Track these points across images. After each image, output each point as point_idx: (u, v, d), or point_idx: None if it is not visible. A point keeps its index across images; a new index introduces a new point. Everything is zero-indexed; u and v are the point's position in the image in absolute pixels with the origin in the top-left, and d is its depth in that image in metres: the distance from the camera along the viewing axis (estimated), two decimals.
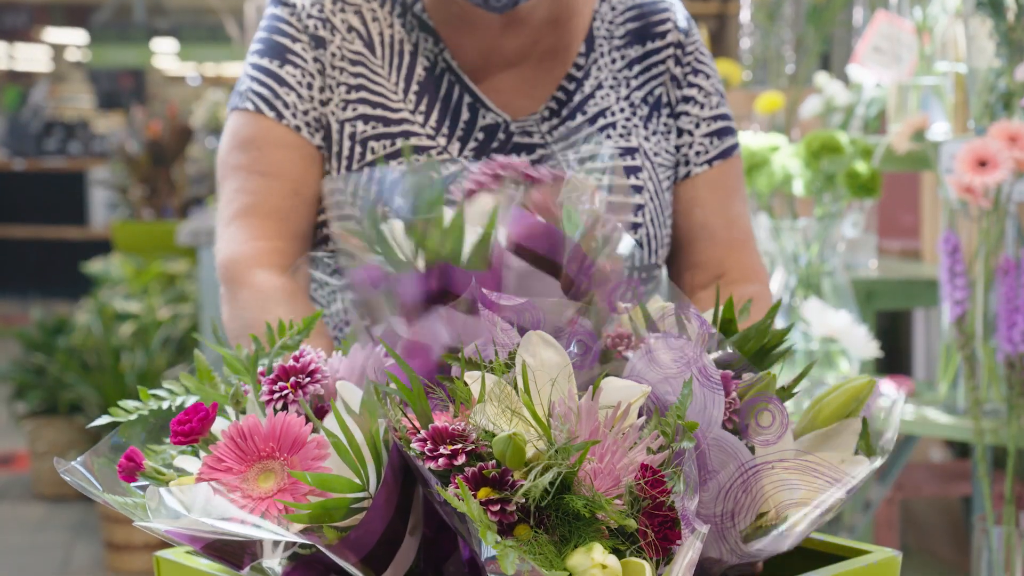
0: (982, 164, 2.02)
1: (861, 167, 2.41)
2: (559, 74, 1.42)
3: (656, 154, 1.42)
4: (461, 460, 0.84)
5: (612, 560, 0.82)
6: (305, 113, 1.36)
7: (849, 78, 2.90)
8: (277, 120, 1.35)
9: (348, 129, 1.37)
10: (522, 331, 0.91)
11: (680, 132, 1.45)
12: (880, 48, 2.62)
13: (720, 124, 1.46)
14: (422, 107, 1.38)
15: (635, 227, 1.38)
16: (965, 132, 2.30)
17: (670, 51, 1.45)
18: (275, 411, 0.93)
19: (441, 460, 0.84)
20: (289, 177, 1.35)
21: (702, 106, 1.45)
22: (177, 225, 5.39)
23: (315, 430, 0.90)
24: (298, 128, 1.35)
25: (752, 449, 0.94)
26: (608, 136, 1.41)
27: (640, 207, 1.39)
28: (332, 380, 0.95)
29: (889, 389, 2.45)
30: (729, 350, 0.98)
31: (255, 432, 0.89)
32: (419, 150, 1.36)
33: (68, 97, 13.05)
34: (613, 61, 1.44)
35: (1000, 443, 2.13)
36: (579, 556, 0.83)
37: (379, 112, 1.37)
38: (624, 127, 1.42)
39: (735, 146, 1.47)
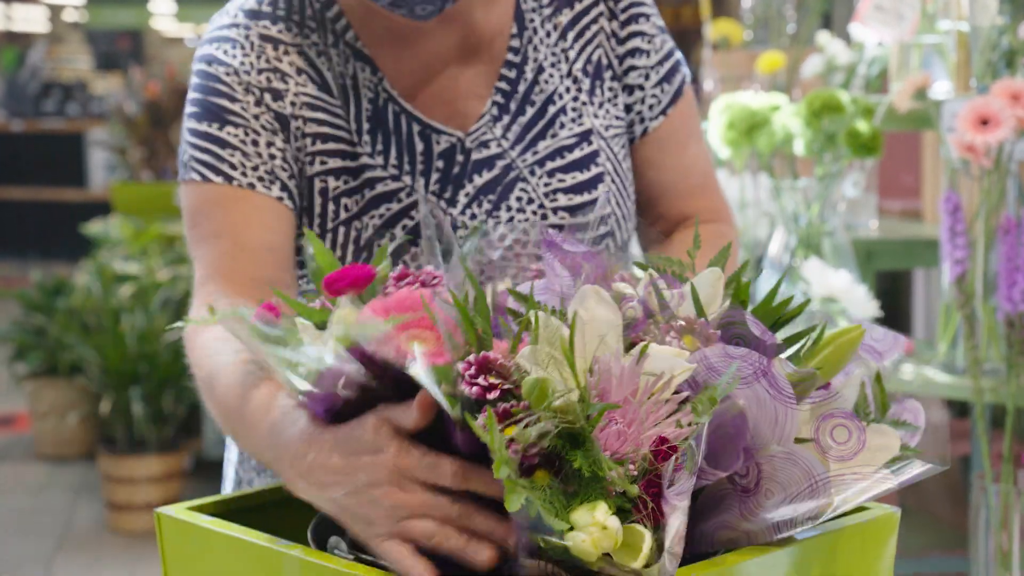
0: (984, 123, 2.01)
1: (862, 126, 2.40)
2: (498, 63, 1.35)
3: (608, 127, 1.37)
4: (494, 395, 0.85)
5: (613, 522, 0.83)
6: (255, 169, 1.28)
7: (851, 37, 2.89)
8: (227, 184, 1.27)
9: (318, 185, 1.30)
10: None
11: (631, 89, 1.39)
12: (882, 6, 2.61)
13: (667, 65, 1.39)
14: (379, 145, 1.31)
15: (603, 219, 1.34)
16: (967, 91, 2.29)
17: (600, 7, 1.38)
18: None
19: (475, 389, 0.85)
20: (238, 230, 1.26)
21: (648, 54, 1.38)
22: (176, 187, 5.38)
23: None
24: (252, 185, 1.27)
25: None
26: (562, 125, 1.35)
27: (602, 205, 1.34)
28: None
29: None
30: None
31: (401, 305, 0.94)
32: (388, 196, 1.29)
33: (66, 58, 12.99)
34: (548, 34, 1.37)
35: (999, 402, 2.14)
36: (583, 512, 0.83)
37: (346, 163, 1.30)
38: (574, 109, 1.36)
39: (684, 81, 1.40)
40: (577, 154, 1.35)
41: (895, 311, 3.83)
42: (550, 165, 1.34)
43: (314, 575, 0.92)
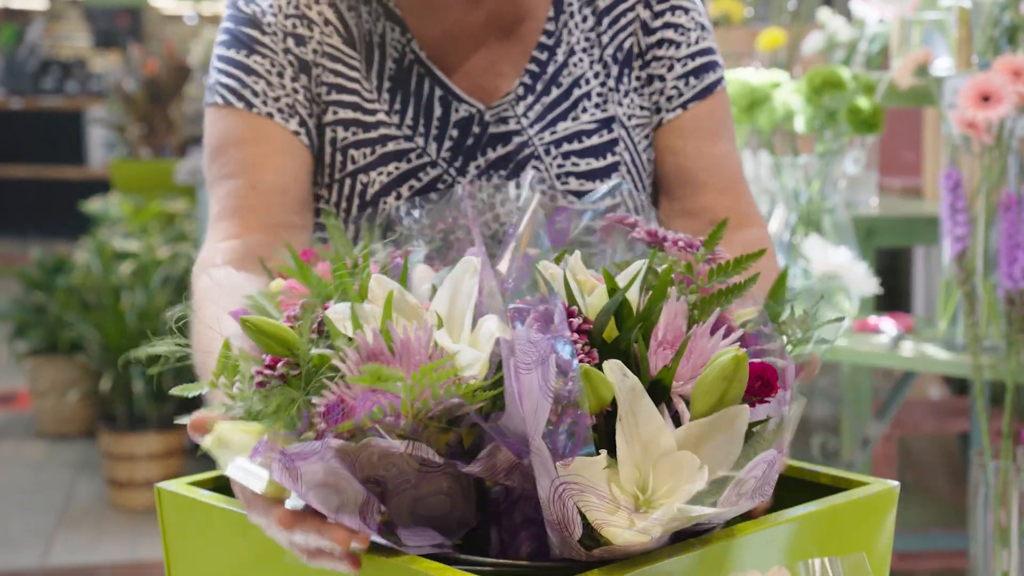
0: (985, 99, 2.01)
1: (863, 103, 2.39)
2: (530, 45, 1.36)
3: (631, 116, 1.36)
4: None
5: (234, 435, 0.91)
6: (276, 100, 1.31)
7: (852, 14, 2.88)
8: (247, 110, 1.30)
9: (329, 134, 1.32)
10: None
11: (651, 79, 1.37)
12: None
13: (700, 61, 1.37)
14: (396, 105, 1.33)
15: (613, 208, 1.31)
16: (969, 67, 2.29)
17: None
18: None
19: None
20: (252, 171, 1.30)
21: (678, 45, 1.36)
22: (175, 164, 5.37)
23: None
24: (270, 115, 1.31)
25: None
26: (584, 110, 1.35)
27: (616, 187, 1.31)
28: None
29: (888, 326, 2.45)
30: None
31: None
32: (399, 154, 1.31)
33: (64, 35, 12.94)
34: (584, 19, 1.37)
35: (999, 379, 2.14)
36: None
37: (358, 115, 1.32)
38: (599, 94, 1.35)
39: (718, 82, 1.38)
40: (595, 140, 1.34)
41: (895, 289, 3.83)
42: (567, 147, 1.34)
43: None
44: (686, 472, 0.86)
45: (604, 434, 0.89)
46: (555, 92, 1.35)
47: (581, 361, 0.87)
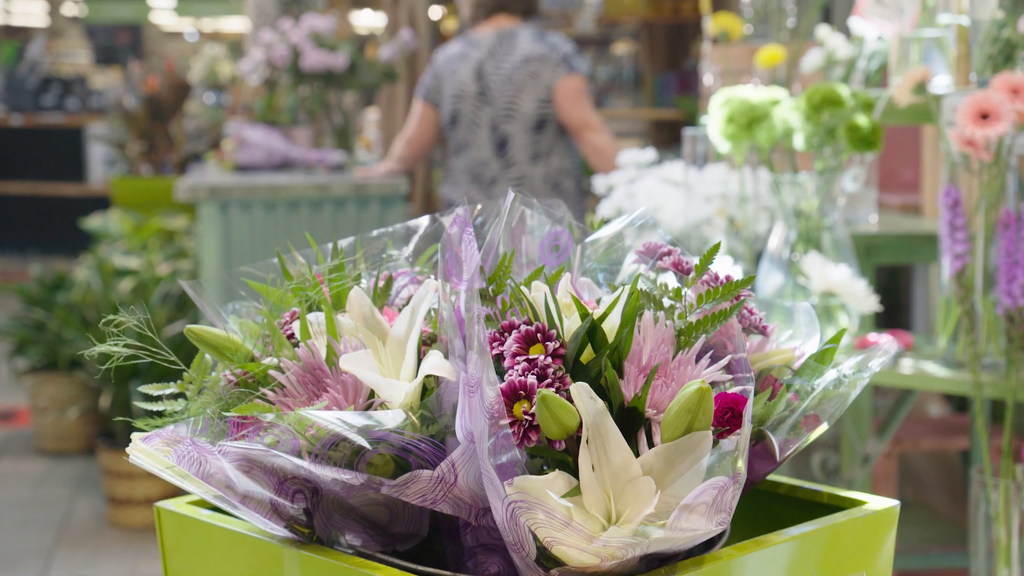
0: (984, 117, 2.01)
1: (862, 120, 2.39)
2: None
3: None
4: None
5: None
6: None
7: (851, 31, 2.88)
8: None
9: None
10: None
11: None
12: (882, 0, 2.60)
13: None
14: None
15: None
16: (967, 85, 2.29)
17: None
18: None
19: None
20: None
21: None
22: (175, 181, 5.38)
23: None
24: None
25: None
26: None
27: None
28: None
29: (888, 343, 2.45)
30: None
31: None
32: None
33: (65, 52, 12.97)
34: None
35: (999, 396, 2.14)
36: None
37: None
38: None
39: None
40: None
41: (894, 306, 3.83)
42: None
43: (314, 569, 0.93)
44: (643, 496, 0.85)
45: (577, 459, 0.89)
46: None
47: (550, 385, 0.86)
